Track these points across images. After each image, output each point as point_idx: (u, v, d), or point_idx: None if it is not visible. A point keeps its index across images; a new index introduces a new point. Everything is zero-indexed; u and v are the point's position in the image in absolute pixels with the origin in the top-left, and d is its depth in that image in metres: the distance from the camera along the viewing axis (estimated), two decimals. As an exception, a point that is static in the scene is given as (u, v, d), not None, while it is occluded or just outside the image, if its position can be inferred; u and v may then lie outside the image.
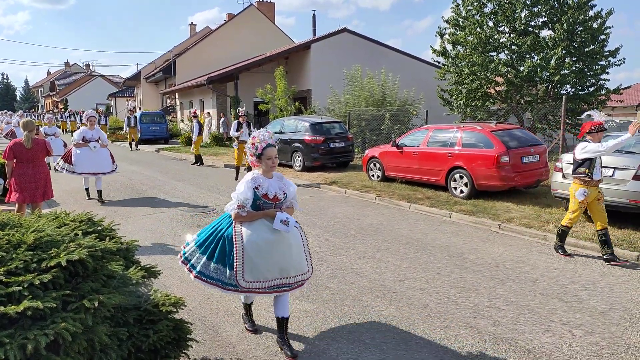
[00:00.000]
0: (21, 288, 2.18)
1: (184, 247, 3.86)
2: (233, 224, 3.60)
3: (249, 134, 14.83)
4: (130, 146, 21.83)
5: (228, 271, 3.51)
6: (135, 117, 22.66)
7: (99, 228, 3.26)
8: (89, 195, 9.99)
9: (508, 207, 8.48)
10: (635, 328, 4.12)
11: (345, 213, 8.67)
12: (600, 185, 7.09)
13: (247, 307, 4.16)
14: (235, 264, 3.47)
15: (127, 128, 22.08)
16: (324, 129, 13.90)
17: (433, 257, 6.06)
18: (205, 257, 3.61)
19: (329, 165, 14.06)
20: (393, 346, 3.83)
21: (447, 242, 6.79)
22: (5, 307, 2.10)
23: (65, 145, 13.86)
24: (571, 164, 7.60)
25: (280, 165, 14.54)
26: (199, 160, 16.03)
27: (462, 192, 9.45)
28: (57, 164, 9.76)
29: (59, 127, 29.06)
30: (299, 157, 13.91)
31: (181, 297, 3.15)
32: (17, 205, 6.63)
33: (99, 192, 9.72)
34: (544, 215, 7.88)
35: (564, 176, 7.66)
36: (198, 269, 3.61)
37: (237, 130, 12.71)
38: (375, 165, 11.79)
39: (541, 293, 4.89)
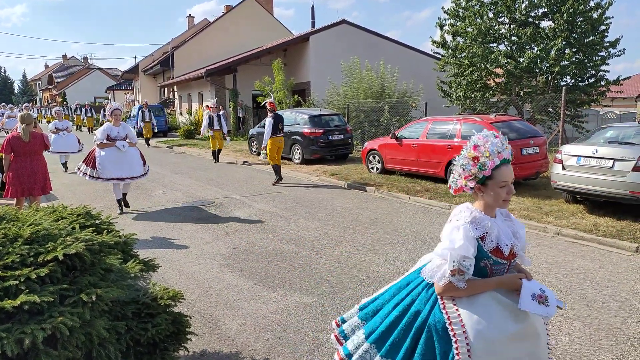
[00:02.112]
0: (18, 282, 2.17)
1: (342, 341, 2.42)
2: (441, 303, 2.17)
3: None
4: (147, 142, 19.98)
5: None
6: (149, 110, 20.60)
7: (97, 221, 3.25)
8: (121, 209, 8.16)
9: (507, 199, 8.46)
10: (634, 319, 4.12)
11: (344, 206, 8.66)
12: (599, 177, 7.11)
13: None
14: None
15: (142, 123, 20.23)
16: (323, 121, 13.87)
17: (432, 250, 6.05)
18: None
19: (328, 157, 14.02)
20: (392, 338, 3.82)
21: (447, 234, 6.78)
22: (2, 301, 2.09)
23: (79, 141, 13.48)
24: (571, 155, 7.62)
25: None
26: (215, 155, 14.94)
27: (461, 184, 9.42)
28: (79, 168, 8.06)
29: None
30: (297, 149, 13.87)
31: (180, 290, 3.15)
32: (15, 199, 6.62)
33: (124, 195, 8.29)
34: (544, 207, 7.88)
35: (563, 168, 7.64)
36: None
37: (273, 129, 10.64)
38: (374, 157, 11.76)
39: (540, 285, 4.89)
